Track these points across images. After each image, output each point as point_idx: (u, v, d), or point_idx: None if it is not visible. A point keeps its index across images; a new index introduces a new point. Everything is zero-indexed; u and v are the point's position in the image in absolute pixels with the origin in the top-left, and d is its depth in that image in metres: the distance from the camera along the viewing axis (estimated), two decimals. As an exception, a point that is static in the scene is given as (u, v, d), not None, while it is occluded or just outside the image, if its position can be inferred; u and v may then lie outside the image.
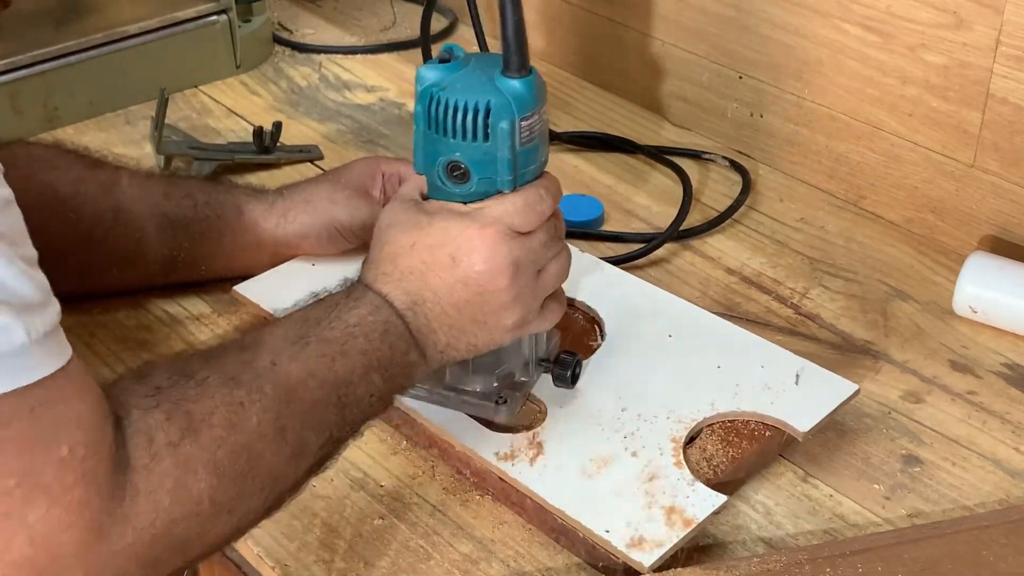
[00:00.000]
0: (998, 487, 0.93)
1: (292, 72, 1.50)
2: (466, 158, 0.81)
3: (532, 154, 0.83)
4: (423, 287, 0.81)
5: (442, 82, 0.82)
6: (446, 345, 0.83)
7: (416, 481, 0.92)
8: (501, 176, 0.82)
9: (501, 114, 0.80)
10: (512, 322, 0.84)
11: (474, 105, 0.80)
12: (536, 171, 0.84)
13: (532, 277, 0.84)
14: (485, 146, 0.81)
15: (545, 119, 0.84)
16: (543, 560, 0.86)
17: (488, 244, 0.81)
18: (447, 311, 0.82)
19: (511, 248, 0.82)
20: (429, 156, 0.83)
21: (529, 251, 0.83)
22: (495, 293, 0.82)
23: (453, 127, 0.81)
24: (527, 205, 0.82)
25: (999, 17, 1.07)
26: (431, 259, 0.81)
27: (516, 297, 0.83)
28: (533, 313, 0.85)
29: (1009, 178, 1.12)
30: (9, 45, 1.31)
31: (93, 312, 1.07)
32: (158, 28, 1.40)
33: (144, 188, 1.04)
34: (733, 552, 0.87)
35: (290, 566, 0.85)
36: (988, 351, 1.06)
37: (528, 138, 0.81)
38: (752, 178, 1.29)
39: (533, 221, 0.83)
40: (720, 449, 0.91)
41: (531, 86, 0.81)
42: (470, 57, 0.84)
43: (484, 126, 0.80)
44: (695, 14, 1.33)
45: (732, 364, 0.97)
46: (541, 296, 0.85)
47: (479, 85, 0.81)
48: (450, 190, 0.83)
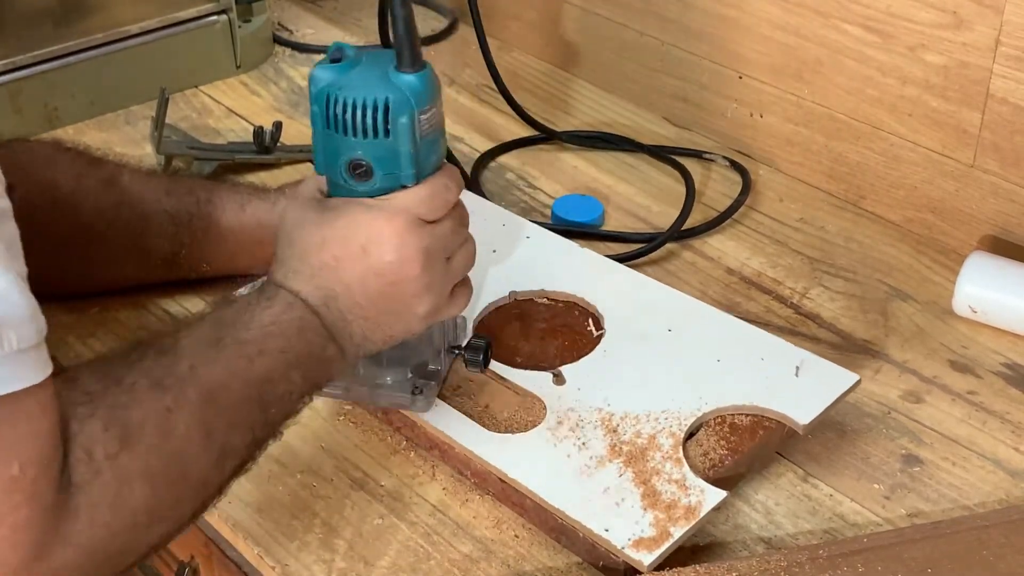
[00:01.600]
0: (998, 487, 0.93)
1: (292, 72, 1.50)
2: (368, 155, 0.82)
3: (432, 146, 0.84)
4: (335, 281, 0.82)
5: (337, 81, 0.82)
6: (362, 337, 0.83)
7: (416, 481, 0.92)
8: (404, 170, 0.82)
9: (400, 109, 0.81)
10: (425, 310, 0.84)
11: (372, 102, 0.80)
12: (437, 163, 0.85)
13: (442, 264, 0.85)
14: (386, 142, 0.81)
15: (442, 112, 0.85)
16: (543, 560, 0.86)
17: (397, 233, 0.81)
18: (360, 303, 0.82)
19: (420, 237, 0.82)
20: (330, 156, 0.83)
21: (438, 239, 0.84)
22: (407, 282, 0.82)
23: (353, 125, 0.81)
24: (433, 194, 0.83)
25: (999, 17, 1.07)
26: (341, 252, 0.82)
27: (428, 285, 0.83)
28: (443, 300, 0.86)
29: (1009, 178, 1.12)
30: (9, 45, 1.31)
31: (93, 312, 1.07)
32: (158, 28, 1.40)
33: (145, 184, 1.04)
34: (733, 552, 0.87)
35: (290, 566, 0.85)
36: (988, 351, 1.06)
37: (427, 131, 0.82)
38: (752, 178, 1.29)
39: (440, 210, 0.84)
40: (720, 444, 0.91)
41: (426, 80, 0.82)
42: (361, 54, 0.84)
43: (384, 122, 0.81)
44: (695, 14, 1.33)
45: (732, 357, 0.97)
46: (451, 283, 0.86)
47: (375, 82, 0.81)
48: (353, 188, 0.83)
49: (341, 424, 0.97)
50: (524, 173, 1.31)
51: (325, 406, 0.99)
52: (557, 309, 1.04)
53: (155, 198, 1.04)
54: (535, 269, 1.07)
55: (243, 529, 0.88)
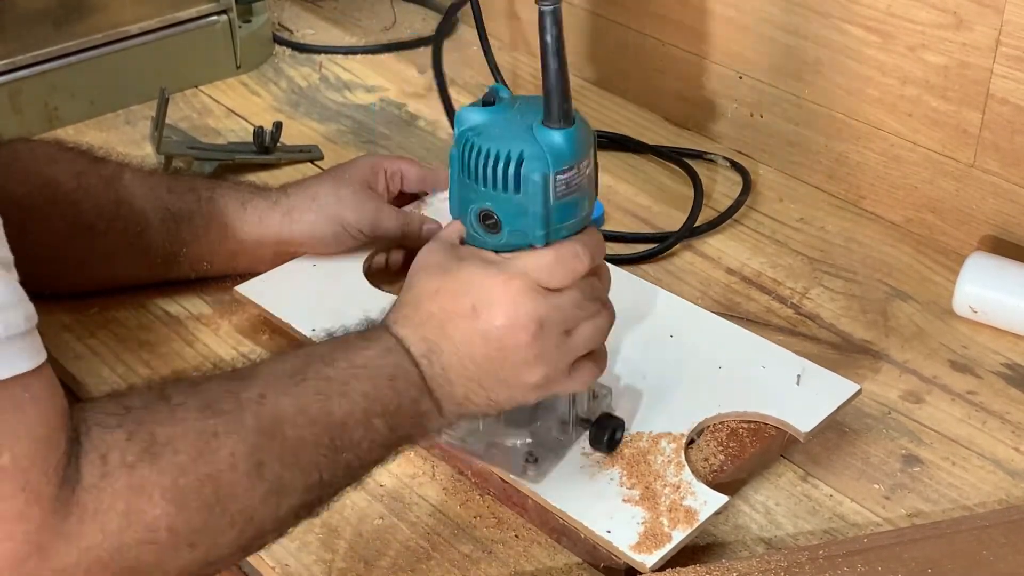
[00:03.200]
0: (998, 487, 0.93)
1: (292, 72, 1.50)
2: (497, 208, 0.77)
3: (569, 209, 0.78)
4: (441, 335, 0.78)
5: (479, 127, 0.78)
6: (464, 398, 0.79)
7: (416, 481, 0.92)
8: (533, 230, 0.77)
9: (533, 166, 0.76)
10: (534, 381, 0.79)
11: (506, 154, 0.76)
12: (575, 226, 0.79)
13: (559, 336, 0.79)
14: (516, 198, 0.77)
15: (589, 172, 0.79)
16: (543, 560, 0.86)
17: (511, 298, 0.77)
18: (465, 363, 0.78)
19: (536, 304, 0.77)
20: (463, 202, 0.79)
21: (556, 308, 0.78)
22: (515, 349, 0.78)
23: (484, 175, 0.77)
24: (559, 261, 0.78)
25: (999, 17, 1.07)
26: (452, 307, 0.78)
27: (539, 356, 0.78)
28: (559, 373, 0.80)
29: (1009, 178, 1.12)
30: (9, 45, 1.31)
31: (93, 312, 1.07)
32: (158, 28, 1.40)
33: (147, 182, 1.04)
34: (733, 552, 0.87)
35: (290, 566, 0.85)
36: (988, 351, 1.06)
37: (565, 192, 0.77)
38: (752, 178, 1.29)
39: (564, 279, 0.78)
40: (721, 449, 0.91)
41: (571, 139, 0.77)
42: (515, 100, 0.80)
43: (515, 177, 0.76)
44: (695, 14, 1.33)
45: (733, 364, 0.97)
46: (569, 357, 0.80)
47: (515, 133, 0.77)
48: (483, 238, 0.79)
49: (341, 424, 0.97)
50: (524, 173, 1.31)
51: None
52: (557, 309, 1.04)
53: (156, 196, 1.03)
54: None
55: (243, 529, 0.88)
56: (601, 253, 0.82)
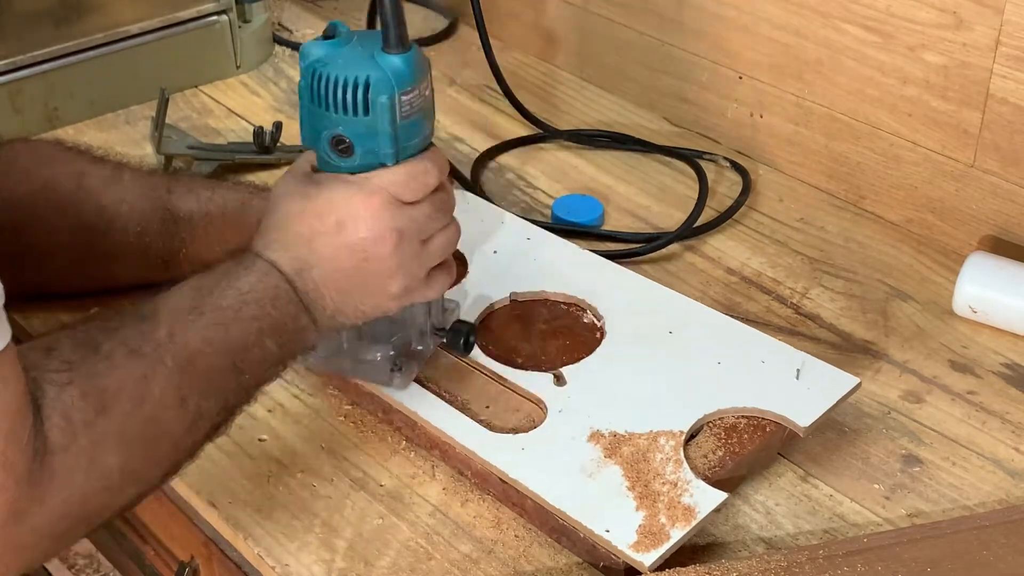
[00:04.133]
0: (998, 487, 0.93)
1: (292, 72, 1.50)
2: (349, 132, 0.83)
3: (415, 128, 0.84)
4: (310, 253, 0.83)
5: (325, 57, 0.84)
6: (335, 310, 0.85)
7: (416, 481, 0.92)
8: (383, 149, 0.83)
9: (380, 88, 0.82)
10: (397, 289, 0.85)
11: (354, 80, 0.82)
12: (420, 144, 0.86)
13: (416, 246, 0.85)
14: (366, 120, 0.83)
15: (428, 94, 0.85)
16: (543, 560, 0.86)
17: (372, 211, 0.83)
18: (333, 276, 0.83)
19: (394, 216, 0.83)
20: (314, 130, 0.85)
21: (413, 220, 0.85)
22: (379, 259, 0.84)
23: (335, 101, 0.83)
24: (411, 176, 0.84)
25: (999, 17, 1.07)
26: (318, 225, 0.83)
27: (400, 265, 0.84)
28: (418, 281, 0.87)
29: (1009, 178, 1.12)
30: (9, 45, 1.31)
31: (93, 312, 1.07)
32: (158, 28, 1.40)
33: (146, 183, 1.05)
34: (733, 552, 0.87)
35: (290, 566, 0.85)
36: (988, 351, 1.06)
37: (409, 112, 0.83)
38: (752, 178, 1.29)
39: (417, 192, 0.85)
40: (720, 446, 0.91)
41: (410, 62, 0.83)
42: (353, 34, 0.86)
43: (364, 100, 0.82)
44: (695, 14, 1.33)
45: (732, 360, 0.97)
46: (426, 265, 0.87)
47: (360, 61, 0.83)
48: (336, 163, 0.85)
49: (341, 424, 0.97)
50: (524, 173, 1.31)
51: (325, 406, 0.99)
52: (558, 310, 1.04)
53: (156, 197, 1.04)
54: (536, 271, 1.07)
55: (243, 529, 0.88)
56: (446, 169, 0.88)
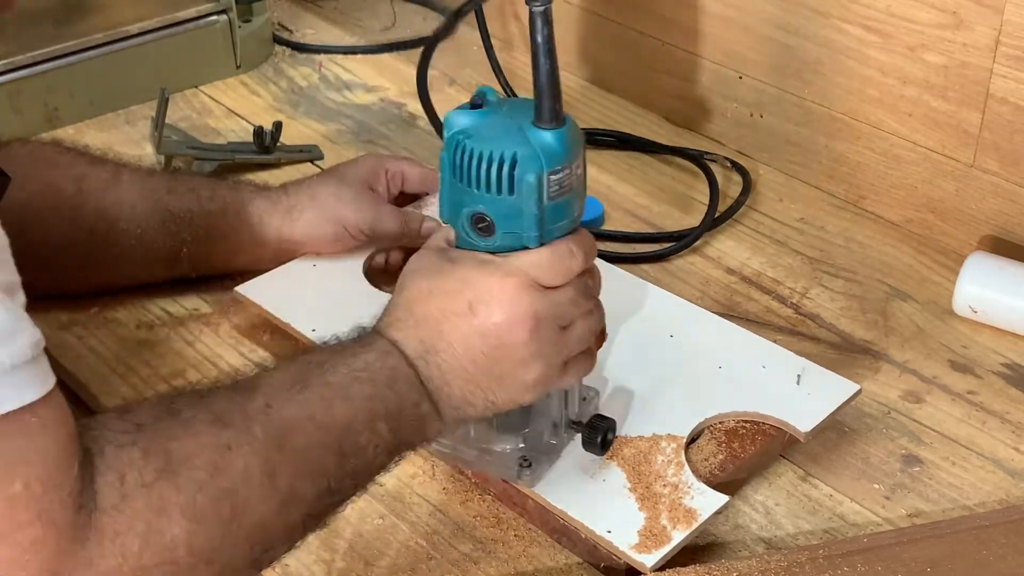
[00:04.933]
0: (998, 487, 0.93)
1: (292, 72, 1.50)
2: (490, 210, 0.77)
3: (562, 209, 0.78)
4: (437, 336, 0.77)
5: (470, 129, 0.78)
6: (461, 400, 0.78)
7: (416, 481, 0.92)
8: (526, 231, 0.77)
9: (527, 167, 0.76)
10: (532, 379, 0.79)
11: (499, 156, 0.76)
12: (567, 227, 0.79)
13: (555, 332, 0.79)
14: (510, 199, 0.76)
15: (580, 173, 0.79)
16: (543, 560, 0.86)
17: (508, 295, 0.77)
18: (462, 363, 0.77)
19: (533, 301, 0.77)
20: (454, 206, 0.79)
21: (553, 305, 0.78)
22: (514, 347, 0.77)
23: (477, 178, 0.76)
24: (554, 259, 0.78)
25: (999, 17, 1.07)
26: (448, 306, 0.77)
27: (536, 353, 0.78)
28: (555, 370, 0.80)
29: (1009, 178, 1.12)
30: (9, 45, 1.31)
31: (93, 312, 1.07)
32: (158, 28, 1.40)
33: (146, 184, 1.04)
34: (733, 552, 0.87)
35: (290, 566, 0.85)
36: (988, 351, 1.06)
37: (557, 193, 0.77)
38: (752, 178, 1.29)
39: (560, 276, 0.79)
40: (721, 449, 0.91)
41: (563, 139, 0.77)
42: (503, 103, 0.80)
43: (509, 179, 0.76)
44: (695, 14, 1.33)
45: (733, 364, 0.97)
46: (565, 354, 0.81)
47: (507, 134, 0.77)
48: (475, 242, 0.79)
49: (341, 424, 0.97)
50: (524, 173, 1.31)
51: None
52: (557, 309, 1.04)
53: (156, 198, 1.03)
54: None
55: (243, 529, 0.88)
56: (593, 253, 0.82)
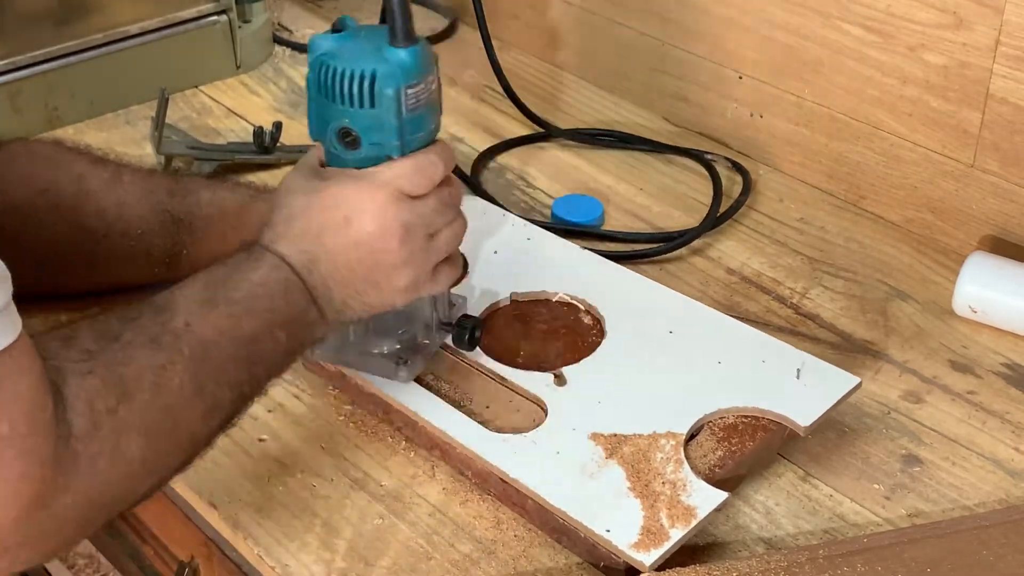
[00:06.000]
0: (998, 487, 0.93)
1: (292, 72, 1.50)
2: (355, 124, 0.84)
3: (420, 121, 0.85)
4: (318, 247, 0.84)
5: (333, 50, 0.85)
6: (342, 303, 0.85)
7: (416, 481, 0.92)
8: (389, 142, 0.84)
9: (386, 81, 0.83)
10: (404, 283, 0.86)
11: (360, 72, 0.83)
12: (426, 138, 0.86)
13: (423, 240, 0.86)
14: (372, 112, 0.83)
15: (435, 88, 0.86)
16: (543, 560, 0.86)
17: (379, 206, 0.83)
18: (341, 270, 0.84)
19: (400, 210, 0.84)
20: (321, 122, 0.86)
21: (419, 215, 0.85)
22: (386, 253, 0.84)
23: (341, 94, 0.83)
24: (417, 169, 0.85)
25: (999, 17, 1.07)
26: (325, 220, 0.84)
27: (407, 259, 0.85)
28: (425, 275, 0.87)
29: (1009, 178, 1.12)
30: (9, 45, 1.31)
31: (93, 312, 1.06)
32: (158, 28, 1.40)
33: (147, 185, 1.05)
34: (733, 552, 0.87)
35: (290, 566, 0.85)
36: (988, 351, 1.06)
37: (415, 105, 0.84)
38: (752, 178, 1.29)
39: (423, 185, 0.85)
40: (721, 445, 0.91)
41: (417, 56, 0.84)
42: (361, 28, 0.87)
43: (370, 93, 0.83)
44: (695, 14, 1.33)
45: (733, 359, 0.97)
46: (433, 259, 0.87)
47: (367, 54, 0.84)
48: (343, 156, 0.86)
49: (341, 424, 0.97)
50: (524, 173, 1.31)
51: (325, 406, 0.99)
52: (558, 311, 1.04)
53: (157, 199, 1.04)
54: (536, 270, 1.07)
55: (243, 529, 0.88)
56: (452, 162, 0.89)
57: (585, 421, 0.91)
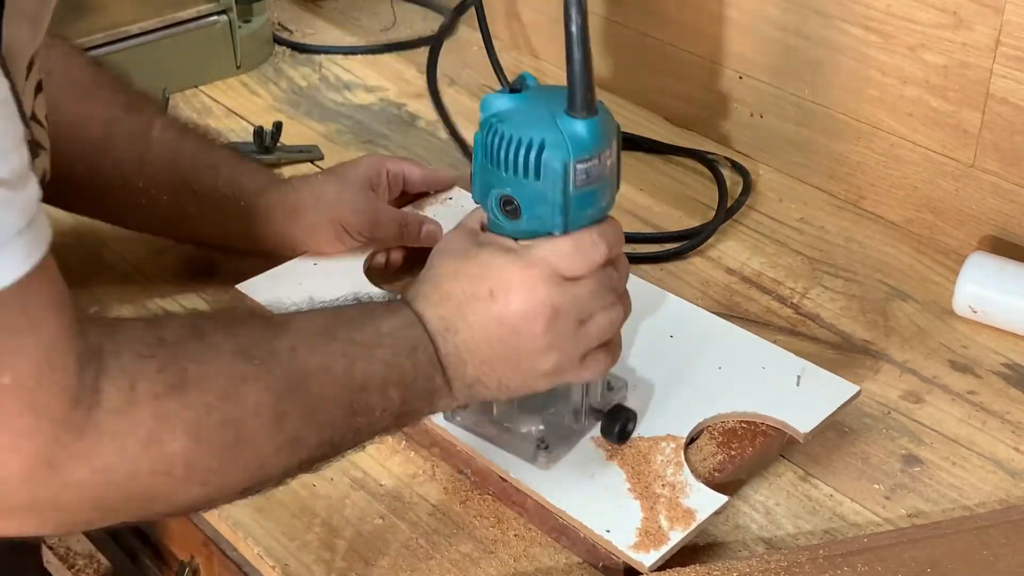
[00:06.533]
0: (998, 487, 0.93)
1: (292, 72, 1.50)
2: (517, 194, 0.78)
3: (588, 198, 0.79)
4: (459, 316, 0.79)
5: (504, 112, 0.79)
6: (475, 379, 0.80)
7: (416, 480, 0.92)
8: (551, 218, 0.78)
9: (553, 154, 0.77)
10: (546, 369, 0.80)
11: (528, 141, 0.77)
12: (594, 216, 0.80)
13: (573, 325, 0.80)
14: (536, 184, 0.78)
15: (610, 164, 0.80)
16: (543, 560, 0.86)
17: (528, 284, 0.78)
18: (479, 345, 0.79)
19: (552, 292, 0.78)
20: (484, 187, 0.81)
21: (573, 298, 0.79)
22: (530, 336, 0.79)
23: (506, 161, 0.78)
24: (577, 249, 0.79)
25: (999, 17, 1.07)
26: (471, 289, 0.79)
27: (552, 344, 0.79)
28: (571, 362, 0.81)
29: (1009, 178, 1.12)
30: (9, 45, 1.31)
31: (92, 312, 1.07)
32: (158, 28, 1.40)
33: (174, 148, 1.03)
34: (733, 552, 0.87)
35: (290, 565, 0.85)
36: (988, 351, 1.06)
37: (584, 182, 0.78)
38: (752, 178, 1.29)
39: (581, 267, 0.79)
40: (721, 450, 0.91)
41: (593, 128, 0.78)
42: (541, 89, 0.82)
43: (536, 164, 0.77)
44: (695, 14, 1.33)
45: (733, 365, 0.97)
46: (583, 347, 0.81)
47: (538, 121, 0.78)
48: (502, 224, 0.81)
49: (341, 424, 0.97)
50: (524, 173, 1.31)
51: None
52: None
53: (180, 170, 1.03)
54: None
55: (243, 529, 0.88)
56: (619, 244, 0.82)
57: (585, 421, 0.91)
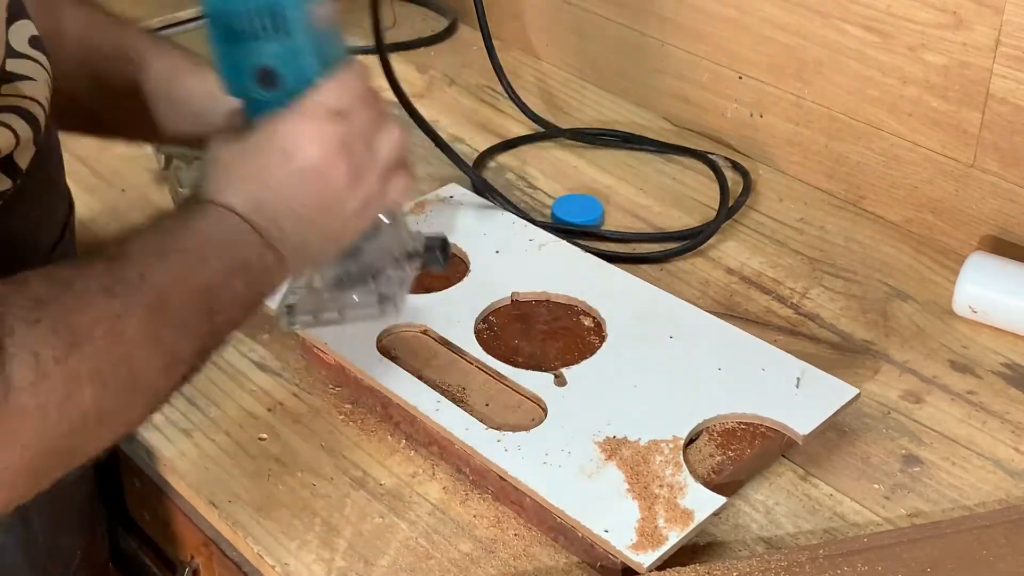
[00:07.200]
0: (998, 487, 0.93)
1: (292, 72, 1.50)
2: (272, 59, 0.80)
3: (333, 38, 0.82)
4: (262, 188, 0.81)
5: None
6: (299, 240, 0.82)
7: (416, 480, 0.92)
8: (310, 66, 0.81)
9: (289, 3, 0.79)
10: (355, 205, 0.83)
11: (263, 3, 0.79)
12: (340, 55, 0.83)
13: (363, 151, 0.83)
14: (286, 40, 0.80)
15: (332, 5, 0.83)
16: (543, 560, 0.86)
17: (314, 130, 0.80)
18: (292, 206, 0.81)
19: (336, 129, 0.81)
20: (236, 71, 0.82)
21: (355, 128, 0.82)
22: (333, 176, 0.81)
23: (251, 30, 0.80)
24: (341, 84, 0.82)
25: (999, 17, 1.07)
26: (263, 159, 0.81)
27: (355, 174, 0.82)
28: (376, 188, 0.84)
29: (1009, 178, 1.12)
30: (9, 45, 1.31)
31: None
32: (158, 28, 1.40)
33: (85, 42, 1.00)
34: (733, 552, 0.87)
35: (290, 565, 0.85)
36: (988, 351, 1.06)
37: (324, 21, 0.81)
38: (752, 178, 1.29)
39: (352, 98, 0.82)
40: (720, 451, 0.91)
41: None
42: None
43: (282, 17, 0.79)
44: (695, 14, 1.33)
45: (733, 366, 0.97)
46: (379, 169, 0.84)
47: None
48: (267, 100, 0.82)
49: (341, 423, 0.97)
50: (524, 173, 1.31)
51: (325, 405, 0.99)
52: (559, 311, 1.04)
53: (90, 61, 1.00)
54: (537, 271, 1.07)
55: (243, 529, 0.89)
56: (368, 74, 0.85)
57: (585, 422, 0.91)
